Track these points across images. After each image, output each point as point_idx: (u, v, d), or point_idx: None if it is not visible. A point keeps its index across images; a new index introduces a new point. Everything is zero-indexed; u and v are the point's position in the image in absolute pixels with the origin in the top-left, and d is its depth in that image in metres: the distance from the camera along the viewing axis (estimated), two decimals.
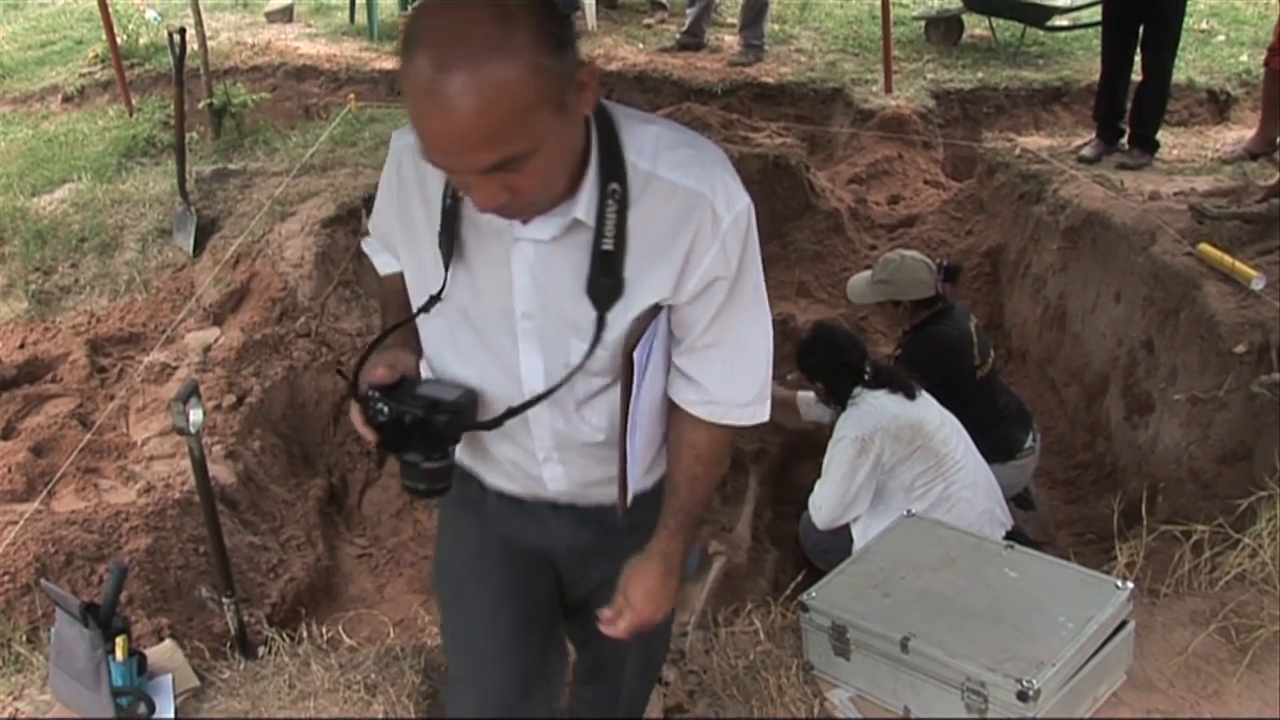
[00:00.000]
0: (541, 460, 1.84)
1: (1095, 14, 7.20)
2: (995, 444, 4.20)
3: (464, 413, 1.73)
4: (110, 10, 7.97)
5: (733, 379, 1.76)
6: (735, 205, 1.64)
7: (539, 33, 1.38)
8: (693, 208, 1.60)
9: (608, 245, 1.60)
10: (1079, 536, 4.48)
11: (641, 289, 1.64)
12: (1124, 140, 6.08)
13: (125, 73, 8.03)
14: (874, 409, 3.80)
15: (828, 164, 7.47)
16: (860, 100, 7.63)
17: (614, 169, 1.58)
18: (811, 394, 4.34)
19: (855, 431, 3.75)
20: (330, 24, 9.95)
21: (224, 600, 3.00)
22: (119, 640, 2.49)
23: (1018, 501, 4.50)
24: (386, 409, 1.68)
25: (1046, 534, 4.50)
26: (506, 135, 1.40)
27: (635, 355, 1.68)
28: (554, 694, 2.16)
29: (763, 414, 1.81)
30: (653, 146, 1.61)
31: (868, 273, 4.65)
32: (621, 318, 1.65)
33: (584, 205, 1.59)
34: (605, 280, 1.62)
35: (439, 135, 1.42)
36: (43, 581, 3.09)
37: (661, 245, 1.62)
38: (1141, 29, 5.83)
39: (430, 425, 1.68)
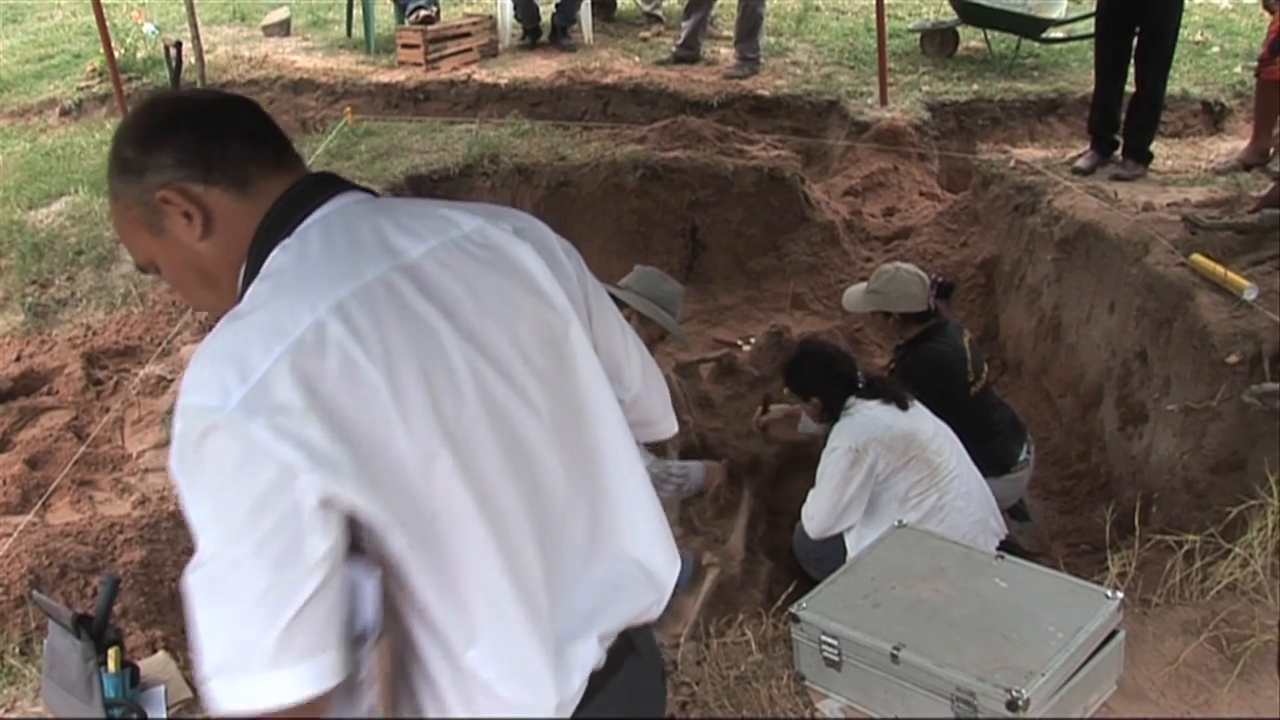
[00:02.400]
0: None
1: (1090, 26, 7.22)
2: (989, 458, 4.21)
3: None
4: (108, 24, 8.00)
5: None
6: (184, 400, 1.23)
7: (115, 160, 1.42)
8: None
9: None
10: (1074, 547, 4.48)
11: None
12: (1118, 152, 6.11)
13: (123, 86, 8.07)
14: (868, 419, 3.81)
15: (823, 176, 7.48)
16: (855, 112, 7.66)
17: None
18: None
19: (849, 442, 3.76)
20: (327, 37, 9.98)
21: None
22: (111, 652, 2.49)
23: (1013, 513, 4.51)
24: None
25: (1042, 545, 4.50)
26: (127, 246, 1.49)
27: None
28: None
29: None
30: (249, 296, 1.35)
31: (864, 283, 4.67)
32: None
33: None
34: None
35: None
36: (34, 594, 3.09)
37: None
38: (1136, 41, 5.85)
39: None
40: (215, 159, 1.39)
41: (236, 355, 1.22)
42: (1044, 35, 8.47)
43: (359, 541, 1.26)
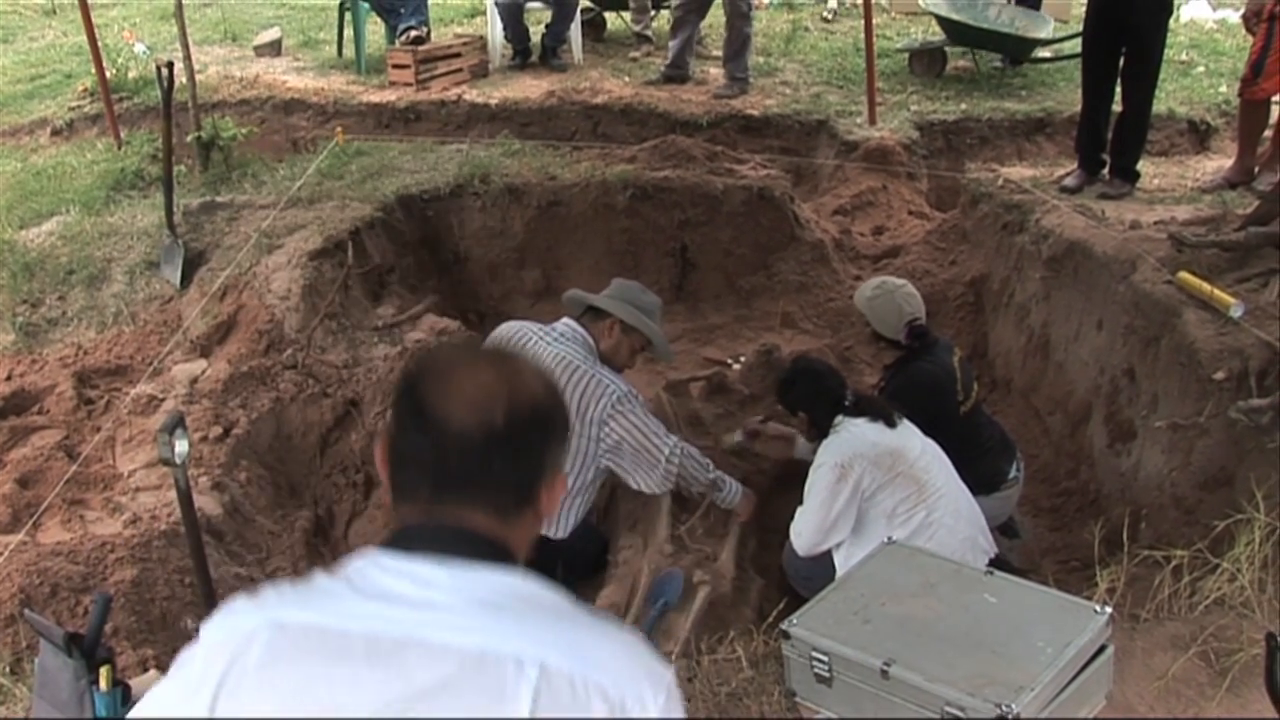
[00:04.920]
0: None
1: (1076, 46, 7.28)
2: (979, 476, 4.22)
3: None
4: (99, 44, 8.02)
5: None
6: None
7: None
8: None
9: None
10: (1063, 563, 4.49)
11: None
12: (1105, 170, 6.15)
13: (114, 106, 8.08)
14: (854, 436, 3.83)
15: (812, 195, 7.52)
16: (845, 132, 7.70)
17: None
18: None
19: (835, 458, 3.77)
20: (318, 57, 10.00)
21: None
22: (103, 670, 2.48)
23: (1003, 530, 4.52)
24: None
25: (1031, 562, 4.52)
26: None
27: None
28: None
29: None
30: None
31: (875, 280, 4.72)
32: None
33: None
34: None
35: None
36: (26, 612, 3.09)
37: None
38: (1122, 61, 5.90)
39: None
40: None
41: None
42: (1031, 55, 8.54)
43: None
